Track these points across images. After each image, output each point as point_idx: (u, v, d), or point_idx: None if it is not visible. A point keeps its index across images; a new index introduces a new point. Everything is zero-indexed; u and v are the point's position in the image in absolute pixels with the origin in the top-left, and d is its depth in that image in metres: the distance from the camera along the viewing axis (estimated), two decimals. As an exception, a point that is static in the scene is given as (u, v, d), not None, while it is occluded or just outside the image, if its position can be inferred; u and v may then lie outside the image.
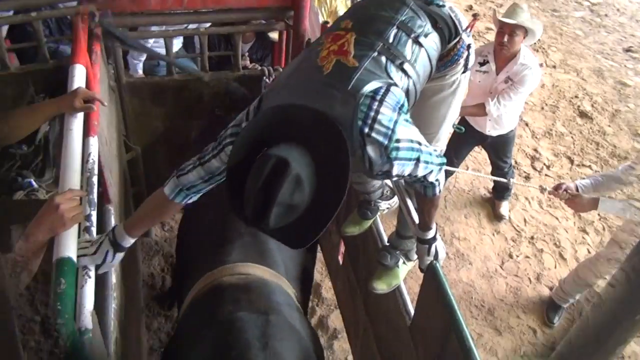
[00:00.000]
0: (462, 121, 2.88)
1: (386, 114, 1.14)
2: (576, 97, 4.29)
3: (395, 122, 1.15)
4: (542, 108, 4.16)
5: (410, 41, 1.24)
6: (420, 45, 1.26)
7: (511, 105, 2.74)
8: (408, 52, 1.24)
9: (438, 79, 1.40)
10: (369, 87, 1.14)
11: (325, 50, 1.20)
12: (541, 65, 4.33)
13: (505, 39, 2.61)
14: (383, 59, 1.19)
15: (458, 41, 1.35)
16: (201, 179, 1.32)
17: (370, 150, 1.14)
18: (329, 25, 2.17)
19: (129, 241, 1.38)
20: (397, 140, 1.15)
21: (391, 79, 1.18)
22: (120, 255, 1.38)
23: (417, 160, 1.21)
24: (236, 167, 1.11)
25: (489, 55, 2.73)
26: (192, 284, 1.66)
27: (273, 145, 1.07)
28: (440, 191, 1.36)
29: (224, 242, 1.69)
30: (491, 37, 2.77)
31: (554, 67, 4.63)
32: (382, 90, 1.15)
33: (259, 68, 2.52)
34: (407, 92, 1.23)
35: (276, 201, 1.02)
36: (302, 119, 1.09)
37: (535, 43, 3.15)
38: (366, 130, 1.12)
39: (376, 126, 1.13)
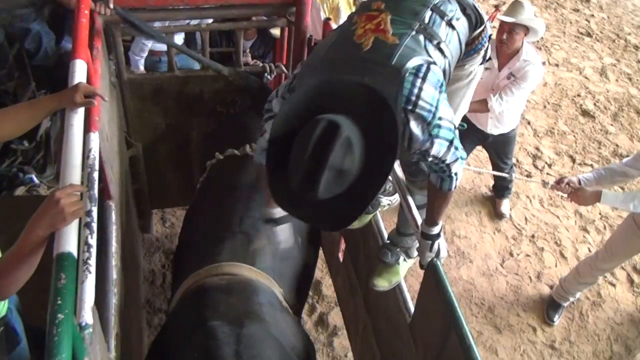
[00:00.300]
0: (464, 119, 2.86)
1: (429, 92, 1.15)
2: (578, 95, 4.27)
3: (438, 100, 1.17)
4: (545, 106, 4.15)
5: (444, 23, 1.27)
6: (453, 27, 1.29)
7: (513, 101, 2.73)
8: (443, 34, 1.26)
9: (457, 68, 1.41)
10: (411, 63, 1.15)
11: (361, 28, 1.21)
12: (543, 63, 4.31)
13: (505, 37, 2.60)
14: (421, 38, 1.21)
15: (483, 30, 1.38)
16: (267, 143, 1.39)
17: (414, 126, 1.15)
18: (331, 22, 2.18)
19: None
20: (440, 118, 1.17)
21: (430, 57, 1.20)
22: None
23: (451, 142, 1.23)
24: (279, 140, 1.10)
25: (492, 51, 2.72)
26: (180, 283, 1.67)
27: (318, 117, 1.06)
28: (455, 187, 1.37)
29: (216, 241, 1.69)
30: (494, 33, 2.77)
31: (557, 65, 4.61)
32: (424, 68, 1.16)
33: (261, 65, 2.52)
34: (443, 72, 1.24)
35: (328, 164, 1.01)
36: (349, 92, 1.09)
37: (538, 41, 3.15)
38: (410, 106, 1.13)
39: (420, 102, 1.14)
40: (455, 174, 1.33)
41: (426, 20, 1.24)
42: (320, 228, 1.69)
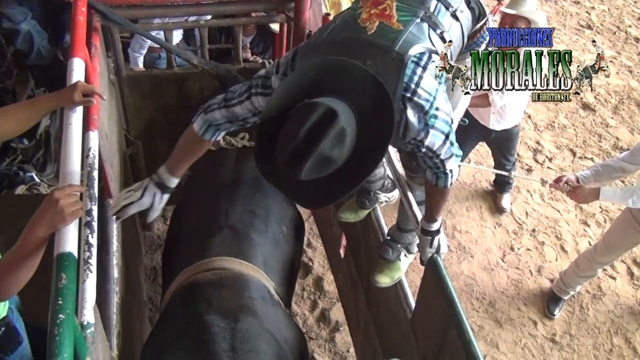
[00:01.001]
0: (466, 114, 2.84)
1: (428, 81, 1.16)
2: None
3: (437, 90, 1.18)
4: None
5: (448, 14, 1.28)
6: (457, 19, 1.30)
7: (515, 95, 2.71)
8: (447, 24, 1.27)
9: (459, 61, 1.41)
10: (414, 51, 1.16)
11: (366, 13, 1.21)
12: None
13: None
14: (425, 26, 1.22)
15: (484, 23, 1.39)
16: (225, 119, 1.34)
17: (411, 114, 1.15)
18: (330, 17, 2.17)
19: (174, 181, 1.45)
20: (437, 109, 1.18)
21: (433, 45, 1.21)
22: (166, 197, 1.45)
23: (447, 137, 1.23)
24: (274, 114, 1.10)
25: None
26: (171, 280, 1.67)
27: (316, 97, 1.05)
28: (451, 184, 1.37)
29: (205, 237, 1.68)
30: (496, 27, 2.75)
31: (557, 58, 4.58)
32: (426, 57, 1.17)
33: (260, 61, 2.51)
34: None
35: (316, 151, 1.01)
36: (350, 75, 1.09)
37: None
38: (408, 94, 1.14)
39: (419, 91, 1.15)
40: (450, 170, 1.33)
41: (431, 9, 1.25)
42: (297, 203, 1.71)
